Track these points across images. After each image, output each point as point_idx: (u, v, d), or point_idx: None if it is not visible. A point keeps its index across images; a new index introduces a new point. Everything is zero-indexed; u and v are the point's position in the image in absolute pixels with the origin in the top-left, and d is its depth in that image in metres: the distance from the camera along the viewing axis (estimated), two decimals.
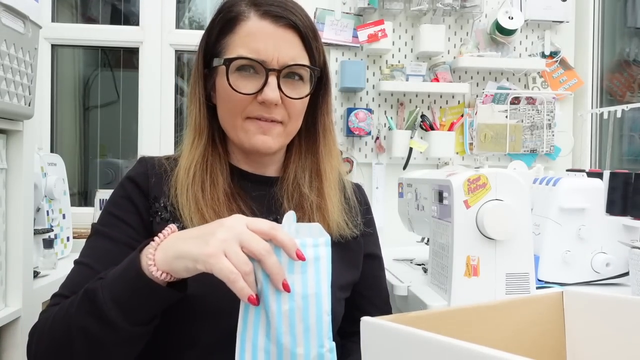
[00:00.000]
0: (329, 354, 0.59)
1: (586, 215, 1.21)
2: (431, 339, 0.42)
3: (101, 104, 2.17)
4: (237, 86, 0.72)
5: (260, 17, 0.73)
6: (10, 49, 0.96)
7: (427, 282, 1.13)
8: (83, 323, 0.60)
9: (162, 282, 0.59)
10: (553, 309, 0.64)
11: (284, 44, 0.73)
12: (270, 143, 0.75)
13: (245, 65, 0.72)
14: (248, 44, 0.72)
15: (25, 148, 1.08)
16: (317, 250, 0.59)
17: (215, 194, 0.74)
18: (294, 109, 0.75)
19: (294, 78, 0.75)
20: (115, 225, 0.74)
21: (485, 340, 0.54)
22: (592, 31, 1.98)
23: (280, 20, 0.73)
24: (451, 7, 1.85)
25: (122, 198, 0.76)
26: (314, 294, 0.58)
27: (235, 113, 0.74)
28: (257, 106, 0.73)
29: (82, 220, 1.82)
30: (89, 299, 0.60)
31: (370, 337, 0.50)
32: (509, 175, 0.97)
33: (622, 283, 1.20)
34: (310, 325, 0.58)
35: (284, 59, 0.72)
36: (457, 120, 1.93)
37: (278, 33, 0.72)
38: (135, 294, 0.59)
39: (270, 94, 0.71)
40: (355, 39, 1.88)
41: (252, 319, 0.58)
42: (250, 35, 0.72)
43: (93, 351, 0.61)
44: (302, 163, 0.82)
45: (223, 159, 0.79)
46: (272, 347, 0.57)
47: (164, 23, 1.96)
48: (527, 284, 0.97)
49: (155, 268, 0.58)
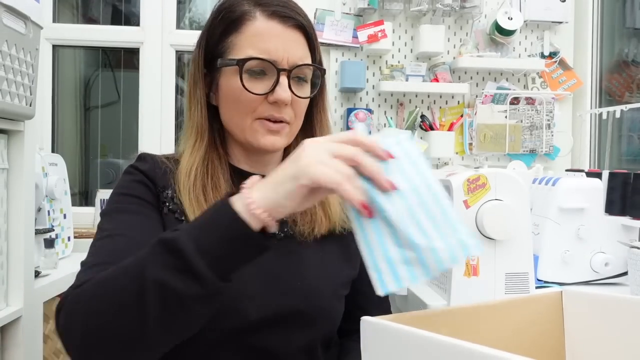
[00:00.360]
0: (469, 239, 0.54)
1: (585, 215, 1.21)
2: (431, 339, 0.43)
3: (102, 104, 2.17)
4: (249, 87, 0.72)
5: (268, 17, 0.73)
6: (12, 50, 0.96)
7: (427, 282, 1.13)
8: (160, 277, 0.52)
9: (257, 228, 0.54)
10: (552, 308, 0.64)
11: (292, 44, 0.73)
12: (279, 143, 0.76)
13: (256, 65, 0.72)
14: (257, 44, 0.72)
15: (27, 148, 1.08)
16: (403, 147, 0.56)
17: (217, 198, 0.73)
18: (299, 108, 0.76)
19: (301, 78, 0.75)
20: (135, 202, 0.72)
21: (485, 340, 0.55)
22: (591, 32, 1.99)
23: (288, 21, 0.73)
24: (451, 7, 1.86)
25: (133, 182, 0.75)
26: (424, 185, 0.54)
27: (245, 113, 0.74)
28: (268, 106, 0.73)
29: (83, 220, 1.82)
30: (168, 251, 0.53)
31: (370, 337, 0.50)
32: (508, 175, 0.97)
33: (621, 283, 1.20)
34: (436, 216, 0.53)
35: (293, 59, 0.73)
36: (456, 120, 1.94)
37: (286, 33, 0.73)
38: (230, 242, 0.53)
39: (283, 94, 0.72)
40: (355, 40, 1.88)
41: (373, 235, 0.53)
42: (259, 35, 0.72)
43: (170, 310, 0.53)
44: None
45: (223, 159, 0.78)
46: (409, 254, 0.53)
47: (165, 23, 1.96)
48: (526, 284, 0.97)
49: (256, 205, 0.53)
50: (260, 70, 0.72)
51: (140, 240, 0.65)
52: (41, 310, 1.20)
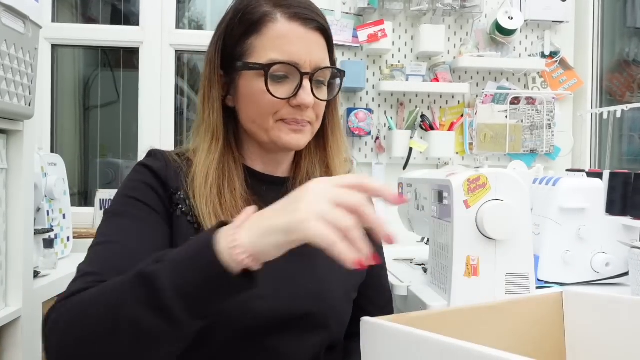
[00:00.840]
0: None
1: (586, 215, 1.21)
2: (431, 339, 0.42)
3: (101, 104, 2.17)
4: (272, 90, 0.72)
5: (289, 19, 0.72)
6: (11, 49, 0.96)
7: (427, 282, 1.13)
8: (135, 314, 0.52)
9: (238, 270, 0.51)
10: (553, 309, 0.64)
11: (314, 46, 0.73)
12: (302, 141, 0.76)
13: (279, 69, 0.72)
14: (280, 47, 0.71)
15: (26, 148, 1.08)
16: None
17: (233, 201, 0.73)
18: (320, 110, 0.77)
19: (321, 81, 0.75)
20: (139, 207, 0.71)
21: (485, 340, 0.54)
22: (591, 31, 1.98)
23: (310, 23, 0.72)
24: (451, 7, 1.86)
25: (141, 183, 0.73)
26: None
27: (267, 115, 0.73)
28: (291, 109, 0.73)
29: (82, 221, 1.82)
30: (145, 285, 0.52)
31: (370, 337, 0.50)
32: (508, 175, 0.97)
33: (622, 283, 1.20)
34: None
35: (316, 62, 0.72)
36: (457, 120, 1.93)
37: (308, 36, 0.72)
38: (208, 285, 0.51)
39: (307, 98, 0.71)
40: (355, 39, 1.88)
41: None
42: (281, 37, 0.71)
43: (142, 346, 0.53)
44: (313, 159, 0.83)
45: (239, 161, 0.78)
46: None
47: (164, 23, 1.96)
48: (527, 284, 0.97)
49: (240, 250, 0.50)
50: (283, 74, 0.72)
51: (135, 248, 0.65)
52: (40, 310, 1.19)
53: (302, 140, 0.76)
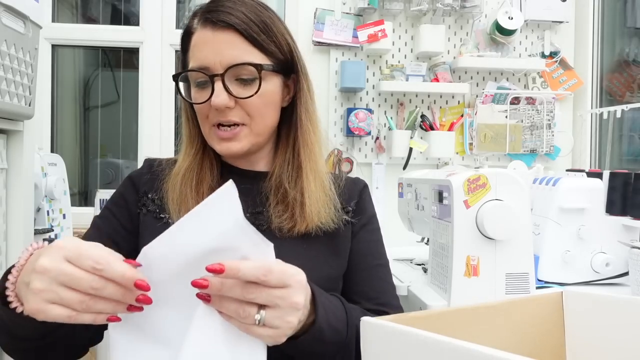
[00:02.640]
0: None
1: (586, 215, 1.21)
2: (431, 339, 0.42)
3: (101, 104, 2.17)
4: (194, 98, 0.75)
5: (202, 25, 0.74)
6: (11, 49, 0.96)
7: (427, 282, 1.13)
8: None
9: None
10: (553, 309, 0.64)
11: (223, 46, 0.72)
12: (236, 147, 0.76)
13: (195, 76, 0.75)
14: (194, 55, 0.74)
15: (26, 148, 1.08)
16: None
17: (200, 189, 0.77)
18: (251, 107, 0.75)
19: (244, 78, 0.74)
20: (106, 217, 0.80)
21: (485, 340, 0.54)
22: (591, 31, 1.98)
23: (216, 25, 0.72)
24: (451, 7, 1.86)
25: (117, 193, 0.83)
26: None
27: (203, 121, 0.77)
28: (215, 113, 0.74)
29: (82, 220, 1.82)
30: None
31: (370, 337, 0.50)
32: (508, 175, 0.97)
33: (622, 283, 1.20)
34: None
35: (227, 61, 0.72)
36: (457, 120, 1.93)
37: (216, 37, 0.72)
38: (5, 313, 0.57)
39: (216, 99, 0.72)
40: (355, 39, 1.88)
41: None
42: (196, 46, 0.74)
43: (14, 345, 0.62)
44: (284, 157, 0.82)
45: (215, 159, 0.81)
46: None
47: (164, 23, 1.96)
48: (526, 284, 0.97)
49: (10, 291, 0.56)
50: (202, 80, 0.74)
51: None
52: None
53: (234, 146, 0.76)
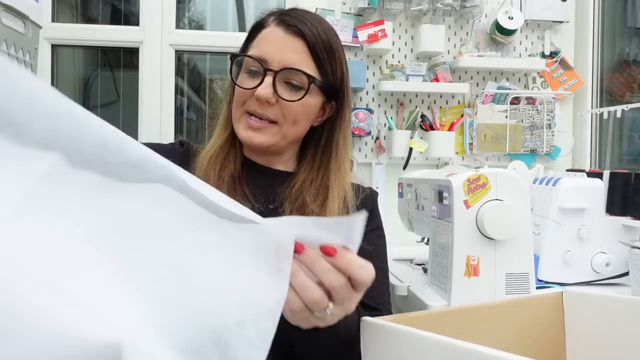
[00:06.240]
0: None
1: (586, 215, 1.21)
2: (431, 339, 0.42)
3: (101, 104, 2.17)
4: (240, 81, 0.78)
5: (276, 25, 0.78)
6: (11, 49, 0.96)
7: (427, 282, 1.13)
8: None
9: None
10: (553, 309, 0.64)
11: (288, 48, 0.76)
12: (259, 140, 0.78)
13: (251, 64, 0.78)
14: (258, 46, 0.78)
15: None
16: None
17: (222, 174, 0.79)
18: (289, 110, 0.78)
19: (294, 84, 0.77)
20: None
21: (485, 340, 0.55)
22: (592, 31, 1.98)
23: (290, 28, 0.77)
24: (451, 7, 1.85)
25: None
26: None
27: (238, 106, 0.79)
28: (254, 102, 0.77)
29: None
30: None
31: (370, 337, 0.50)
32: (509, 175, 0.97)
33: (622, 283, 1.20)
34: None
35: (285, 62, 0.76)
36: (457, 120, 1.93)
37: (285, 38, 0.77)
38: None
39: (262, 91, 0.75)
40: (355, 39, 1.88)
41: None
42: (263, 39, 0.79)
43: None
44: (311, 175, 0.84)
45: (239, 150, 0.84)
46: None
47: (164, 23, 1.96)
48: (527, 284, 0.97)
49: None
50: (255, 69, 0.77)
51: None
52: None
53: (256, 138, 0.78)
